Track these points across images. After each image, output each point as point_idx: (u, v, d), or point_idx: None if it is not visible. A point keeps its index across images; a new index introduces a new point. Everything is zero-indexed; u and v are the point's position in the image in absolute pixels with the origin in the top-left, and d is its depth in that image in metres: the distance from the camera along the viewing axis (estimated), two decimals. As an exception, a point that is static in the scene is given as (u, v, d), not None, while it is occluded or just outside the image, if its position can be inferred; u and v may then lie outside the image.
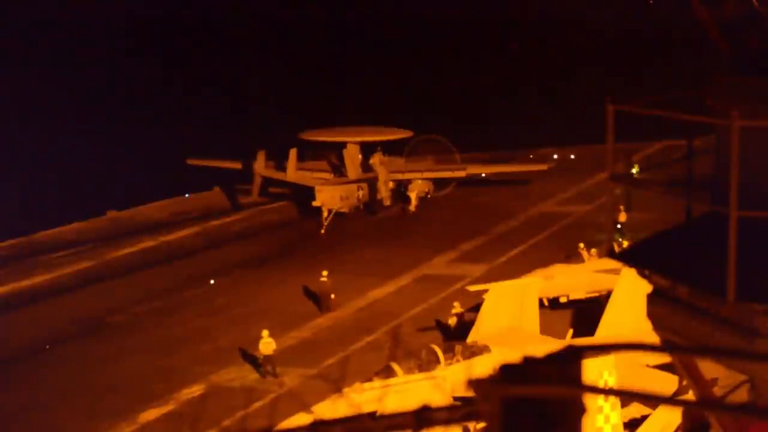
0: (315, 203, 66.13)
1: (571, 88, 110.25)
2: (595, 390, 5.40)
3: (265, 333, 43.38)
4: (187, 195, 76.51)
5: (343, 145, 69.95)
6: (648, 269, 12.49)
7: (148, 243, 64.48)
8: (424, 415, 5.23)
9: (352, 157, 68.90)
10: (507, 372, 5.21)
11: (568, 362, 5.32)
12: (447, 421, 5.31)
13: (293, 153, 69.47)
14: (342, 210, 67.20)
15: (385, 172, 68.18)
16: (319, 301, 50.88)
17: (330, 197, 66.45)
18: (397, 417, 5.33)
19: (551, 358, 5.36)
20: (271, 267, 58.26)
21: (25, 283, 57.10)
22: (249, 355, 44.62)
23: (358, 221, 67.62)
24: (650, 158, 67.34)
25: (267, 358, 43.23)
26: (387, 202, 68.44)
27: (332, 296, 50.58)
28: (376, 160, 68.66)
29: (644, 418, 33.23)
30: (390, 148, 71.69)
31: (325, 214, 65.89)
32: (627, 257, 13.00)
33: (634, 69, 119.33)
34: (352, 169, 68.60)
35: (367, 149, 71.34)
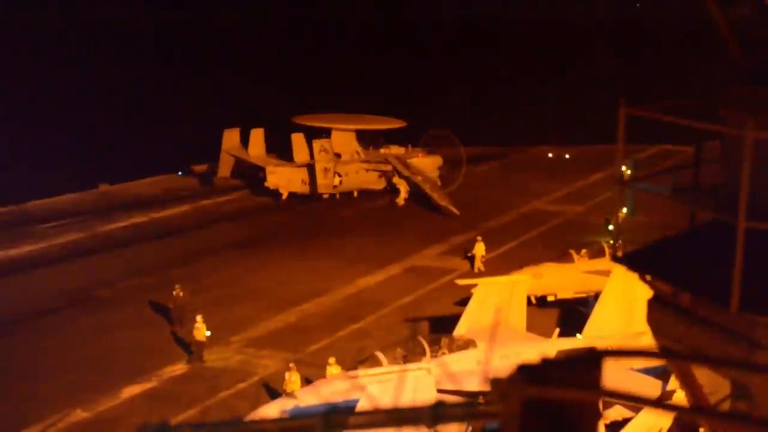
0: (267, 184, 68.42)
1: (570, 89, 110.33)
2: (615, 395, 5.38)
3: (198, 318, 42.70)
4: (179, 173, 76.47)
5: (331, 130, 70.88)
6: (650, 275, 12.48)
7: (139, 218, 64.42)
8: (441, 410, 5.20)
9: (299, 143, 69.41)
10: (527, 373, 5.18)
11: (588, 366, 5.29)
12: (463, 418, 5.29)
13: (255, 133, 71.12)
14: (315, 193, 68.84)
15: (326, 159, 68.46)
16: (171, 315, 46.58)
17: (286, 179, 68.50)
18: (413, 411, 5.30)
19: (571, 362, 5.32)
20: (261, 249, 58.22)
21: (14, 252, 56.96)
22: (184, 341, 44.06)
23: (348, 209, 67.70)
24: (644, 161, 67.48)
25: (198, 343, 42.82)
26: (321, 189, 68.95)
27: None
28: (317, 147, 68.83)
29: (625, 421, 33.27)
30: (394, 139, 72.03)
31: (285, 195, 68.52)
32: (629, 261, 12.96)
33: (636, 71, 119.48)
34: (298, 154, 69.41)
35: (367, 138, 71.97)
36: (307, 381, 37.74)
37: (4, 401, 38.82)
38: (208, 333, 42.87)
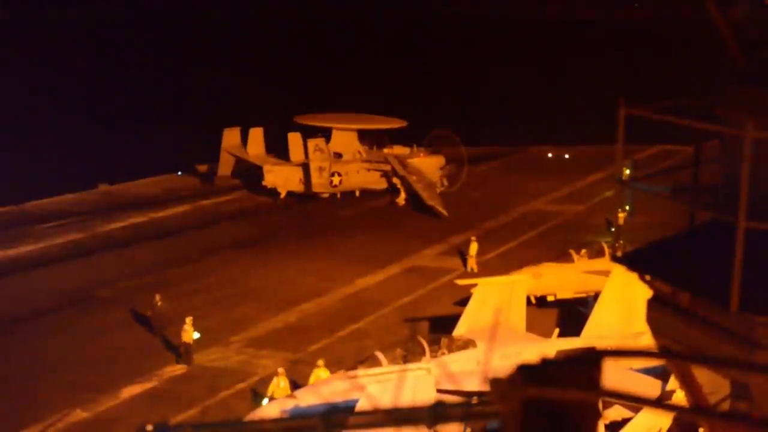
0: (264, 183, 68.56)
1: (570, 89, 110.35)
2: (615, 395, 5.38)
3: (188, 320, 42.29)
4: (179, 173, 76.47)
5: (327, 130, 71.36)
6: (650, 274, 12.48)
7: (139, 218, 64.40)
8: (440, 410, 5.20)
9: (295, 142, 69.66)
10: (526, 373, 5.18)
11: (587, 366, 5.29)
12: (463, 418, 5.29)
13: (254, 132, 71.47)
14: (310, 192, 69.06)
15: (321, 158, 68.70)
16: (152, 325, 45.39)
17: (284, 178, 68.68)
18: (413, 411, 5.31)
19: (571, 362, 5.33)
20: (261, 249, 58.22)
21: (13, 252, 56.93)
22: (172, 344, 43.75)
23: (348, 209, 67.73)
24: (644, 161, 67.54)
25: (186, 345, 42.50)
26: (317, 189, 69.16)
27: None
28: (311, 146, 68.99)
29: (625, 421, 33.27)
30: (400, 139, 72.13)
31: (283, 194, 68.78)
32: (629, 261, 12.97)
33: (636, 71, 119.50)
34: (294, 153, 69.66)
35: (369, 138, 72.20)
36: (295, 386, 37.56)
37: (4, 401, 38.79)
38: (197, 335, 42.57)
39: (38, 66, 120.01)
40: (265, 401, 36.38)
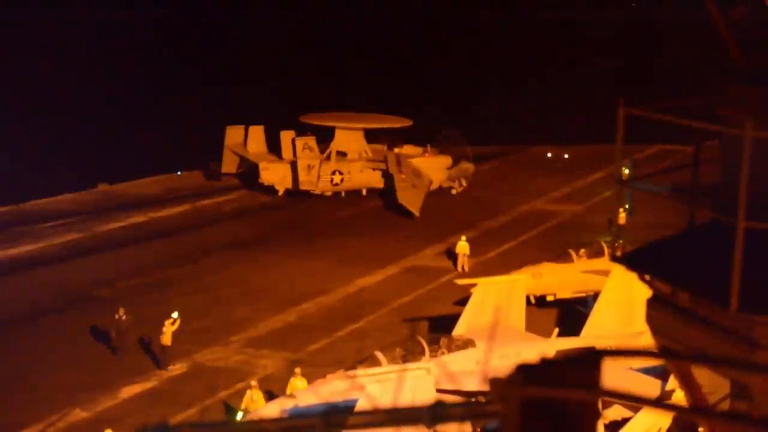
0: (261, 180, 69.13)
1: (569, 88, 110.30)
2: (615, 395, 5.38)
3: (167, 323, 42.13)
4: (179, 173, 76.44)
5: (334, 129, 71.36)
6: (649, 274, 12.48)
7: (138, 218, 64.39)
8: (440, 410, 5.21)
9: (287, 141, 70.18)
10: (526, 373, 5.18)
11: (587, 366, 5.29)
12: (462, 418, 5.29)
13: (254, 130, 72.23)
14: (298, 190, 69.30)
15: (309, 156, 68.90)
16: (111, 340, 43.90)
17: (281, 176, 69.08)
18: (412, 410, 5.31)
19: (570, 362, 5.33)
20: (261, 249, 58.22)
21: (13, 251, 56.93)
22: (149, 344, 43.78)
23: (348, 209, 67.69)
24: (643, 161, 67.58)
25: (164, 348, 42.35)
26: (305, 186, 69.29)
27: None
28: (299, 144, 69.10)
29: (625, 421, 33.29)
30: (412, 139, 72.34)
31: (281, 192, 69.29)
32: (629, 261, 12.96)
33: (634, 70, 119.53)
34: (286, 151, 70.22)
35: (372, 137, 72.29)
36: (270, 396, 37.41)
37: (3, 401, 38.81)
38: (175, 314, 42.41)
39: (38, 66, 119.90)
40: (240, 415, 35.97)
